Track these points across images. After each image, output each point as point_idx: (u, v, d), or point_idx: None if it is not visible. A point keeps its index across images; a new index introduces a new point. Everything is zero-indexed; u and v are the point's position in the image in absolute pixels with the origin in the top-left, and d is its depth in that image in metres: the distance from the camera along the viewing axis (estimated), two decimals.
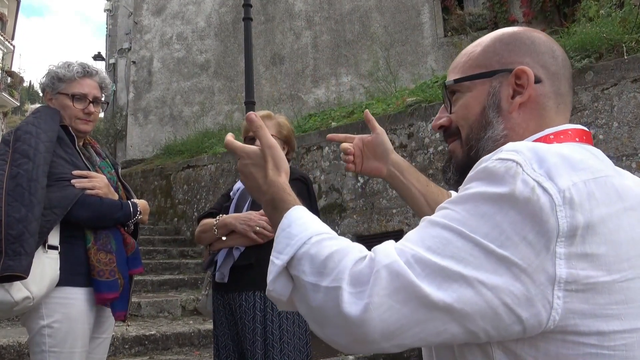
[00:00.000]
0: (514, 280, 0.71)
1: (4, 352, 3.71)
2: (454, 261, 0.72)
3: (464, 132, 0.99)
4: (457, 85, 0.99)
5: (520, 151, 0.77)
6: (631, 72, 4.03)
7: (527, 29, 0.99)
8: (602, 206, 0.74)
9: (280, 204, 0.91)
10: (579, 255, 0.72)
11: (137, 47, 13.60)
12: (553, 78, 0.94)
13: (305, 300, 0.79)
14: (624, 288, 0.74)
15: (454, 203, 0.78)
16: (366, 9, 11.74)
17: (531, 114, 0.93)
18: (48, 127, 2.10)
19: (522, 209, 0.72)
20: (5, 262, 1.82)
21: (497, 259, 0.72)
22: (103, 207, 2.12)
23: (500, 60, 0.95)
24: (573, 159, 0.77)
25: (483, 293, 0.71)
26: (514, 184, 0.73)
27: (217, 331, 2.44)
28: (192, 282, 6.44)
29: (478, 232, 0.73)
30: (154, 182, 9.36)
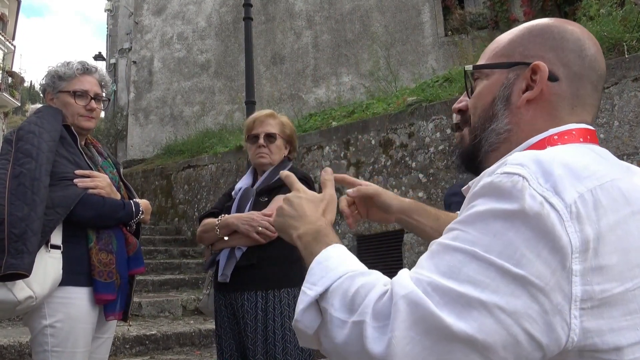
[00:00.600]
0: (532, 301, 0.69)
1: (5, 352, 3.71)
2: (471, 286, 0.70)
3: (473, 120, 0.97)
4: (477, 72, 0.97)
5: (525, 165, 0.74)
6: (632, 71, 4.03)
7: (564, 21, 0.94)
8: (609, 214, 0.72)
9: (324, 238, 0.90)
10: (593, 270, 0.70)
11: (137, 47, 13.60)
12: (573, 78, 0.89)
13: (330, 335, 0.77)
14: (637, 296, 0.72)
15: (463, 223, 0.76)
16: (367, 8, 11.74)
17: (540, 112, 0.90)
18: (51, 126, 2.10)
19: (534, 225, 0.70)
20: (8, 260, 1.82)
21: (513, 279, 0.69)
22: (105, 206, 2.12)
23: (523, 52, 0.92)
24: (577, 167, 0.75)
25: (503, 320, 0.69)
26: (523, 199, 0.71)
27: (220, 331, 2.44)
28: (192, 281, 6.44)
29: (492, 252, 0.70)
30: (155, 182, 9.36)
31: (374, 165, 5.74)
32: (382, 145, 5.72)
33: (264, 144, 2.50)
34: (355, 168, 5.92)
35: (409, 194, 5.38)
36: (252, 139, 2.54)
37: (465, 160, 0.99)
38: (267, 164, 2.52)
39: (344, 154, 6.06)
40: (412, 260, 5.21)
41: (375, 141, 5.80)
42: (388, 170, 5.61)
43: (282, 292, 2.32)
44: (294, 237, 0.96)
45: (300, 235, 0.94)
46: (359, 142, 5.94)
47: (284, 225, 1.00)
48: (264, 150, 2.51)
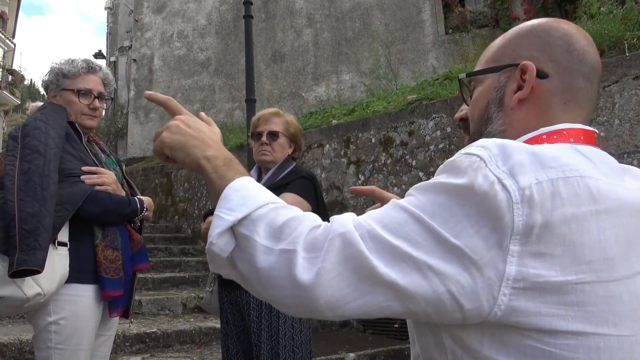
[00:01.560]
0: (463, 270, 0.72)
1: (5, 349, 3.71)
2: (406, 242, 0.74)
3: (472, 127, 0.99)
4: (472, 79, 0.99)
5: (487, 147, 0.77)
6: (632, 69, 4.02)
7: (550, 20, 0.95)
8: (567, 206, 0.73)
9: (236, 166, 0.90)
10: (532, 254, 0.72)
11: (137, 45, 13.59)
12: (563, 73, 0.90)
13: (251, 260, 0.79)
14: (578, 290, 0.73)
15: (418, 190, 0.80)
16: (367, 6, 11.72)
17: (533, 111, 0.90)
18: (56, 123, 2.09)
19: (478, 203, 0.73)
20: (20, 256, 1.81)
21: (449, 248, 0.73)
22: (112, 203, 2.12)
23: (512, 55, 0.93)
24: (545, 156, 0.76)
25: (429, 277, 0.73)
26: (474, 177, 0.74)
27: (225, 328, 2.44)
28: (193, 279, 6.45)
29: (435, 220, 0.74)
30: (155, 180, 9.37)
31: (374, 164, 5.74)
32: (383, 144, 5.72)
33: (267, 141, 2.52)
34: (356, 166, 5.92)
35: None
36: (255, 137, 2.57)
37: None
38: (269, 162, 2.54)
39: (344, 152, 6.06)
40: None
41: (376, 139, 5.80)
42: (388, 169, 5.61)
43: None
44: (199, 157, 0.90)
45: (209, 157, 0.90)
46: (359, 141, 5.94)
47: (184, 144, 0.92)
48: (266, 147, 2.53)
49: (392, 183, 5.54)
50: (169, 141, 0.94)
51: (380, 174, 5.66)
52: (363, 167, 5.84)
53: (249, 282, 0.82)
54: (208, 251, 0.83)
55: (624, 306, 0.75)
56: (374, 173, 5.73)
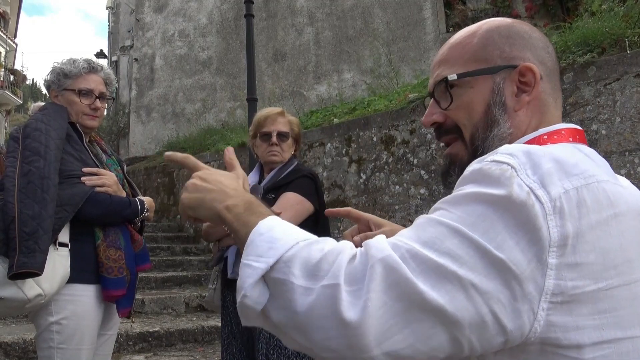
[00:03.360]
0: (504, 286, 0.69)
1: (9, 348, 3.73)
2: (450, 259, 0.70)
3: (467, 132, 0.94)
4: (457, 80, 0.94)
5: (515, 155, 0.75)
6: (634, 67, 4.02)
7: (517, 21, 0.96)
8: (592, 213, 0.73)
9: (258, 208, 0.86)
10: (569, 266, 0.71)
11: (139, 45, 13.60)
12: (550, 74, 0.93)
13: (289, 306, 0.73)
14: (608, 296, 0.73)
15: (448, 203, 0.76)
16: (368, 4, 11.71)
17: (534, 111, 0.91)
18: (57, 124, 2.09)
19: (517, 213, 0.71)
20: (20, 259, 1.82)
21: (492, 262, 0.69)
22: (112, 204, 2.13)
23: (502, 55, 0.92)
24: (567, 163, 0.76)
25: (474, 298, 0.69)
26: (510, 186, 0.72)
27: (226, 327, 2.45)
28: (195, 278, 6.46)
29: (476, 232, 0.71)
30: (157, 179, 9.38)
31: (376, 162, 5.75)
32: (384, 142, 5.73)
33: (277, 142, 2.52)
34: (357, 165, 5.92)
35: (411, 190, 5.39)
36: (263, 137, 2.55)
37: None
38: (278, 162, 2.54)
39: (346, 150, 6.07)
40: None
41: (377, 138, 5.80)
42: (390, 167, 5.61)
43: None
44: (219, 209, 0.87)
45: (229, 206, 0.87)
46: (361, 139, 5.94)
47: (202, 200, 0.90)
48: (276, 148, 2.52)
49: (394, 181, 5.55)
50: (187, 202, 0.92)
51: (382, 173, 5.67)
52: (364, 165, 5.85)
53: (286, 332, 0.75)
54: (240, 305, 0.77)
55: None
56: (375, 171, 5.74)
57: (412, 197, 5.37)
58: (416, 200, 5.33)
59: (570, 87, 4.31)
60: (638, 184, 3.74)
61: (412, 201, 5.36)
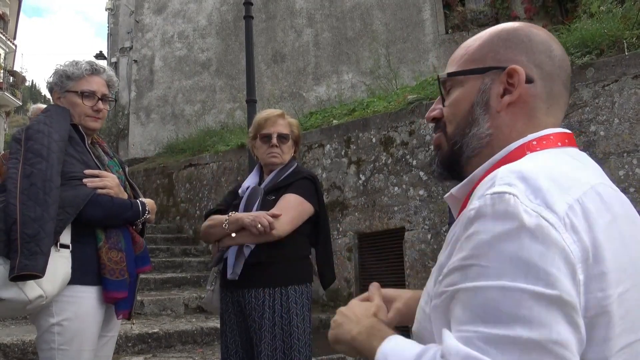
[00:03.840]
0: (569, 324, 0.67)
1: (8, 350, 3.73)
2: (518, 325, 0.66)
3: (450, 127, 0.97)
4: (450, 79, 0.97)
5: (513, 184, 0.74)
6: (632, 69, 4.03)
7: (528, 25, 0.96)
8: (597, 219, 0.73)
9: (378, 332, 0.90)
10: (595, 277, 0.70)
11: (138, 46, 13.60)
12: (546, 78, 0.91)
13: None
14: (624, 300, 0.72)
15: (476, 257, 0.72)
16: (367, 6, 11.72)
17: (519, 114, 0.90)
18: (60, 126, 2.10)
19: (540, 238, 0.69)
20: (22, 261, 1.82)
21: (549, 302, 0.67)
22: (114, 206, 2.13)
23: (495, 57, 0.92)
24: (560, 178, 0.76)
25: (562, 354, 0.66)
26: (519, 215, 0.70)
27: (225, 328, 2.46)
28: (194, 280, 6.46)
29: (518, 279, 0.68)
30: (156, 180, 9.38)
31: (375, 164, 5.75)
32: (383, 143, 5.73)
33: (277, 144, 2.52)
34: (356, 166, 5.93)
35: (410, 191, 5.40)
36: (263, 138, 2.56)
37: (447, 167, 1.00)
38: (278, 164, 2.55)
39: (345, 152, 6.07)
40: (413, 258, 5.23)
41: (376, 139, 5.81)
42: (389, 168, 5.62)
43: (289, 289, 2.34)
44: (348, 341, 0.94)
45: (354, 336, 0.94)
46: (360, 140, 5.95)
47: (339, 335, 0.98)
48: (276, 150, 2.53)
49: (393, 183, 5.55)
50: (330, 338, 1.00)
51: (381, 174, 5.68)
52: (364, 167, 5.85)
53: None
54: None
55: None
56: (374, 173, 5.74)
57: (411, 198, 5.37)
58: (415, 201, 5.33)
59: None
60: (637, 185, 3.78)
61: (411, 202, 5.37)
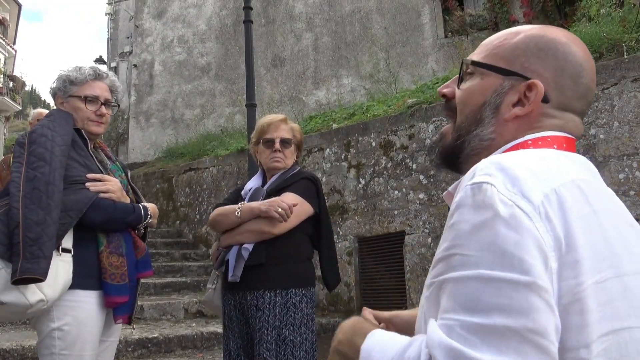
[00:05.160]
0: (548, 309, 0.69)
1: (7, 355, 3.72)
2: (497, 313, 0.68)
3: (459, 117, 0.96)
4: (472, 66, 0.96)
5: (492, 174, 0.76)
6: (631, 72, 4.04)
7: (570, 39, 0.92)
8: (574, 210, 0.74)
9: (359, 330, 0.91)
10: (568, 265, 0.72)
11: (138, 51, 13.63)
12: (564, 103, 0.90)
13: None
14: (604, 288, 0.74)
15: (458, 247, 0.75)
16: (366, 10, 11.75)
17: (525, 127, 0.90)
18: (63, 130, 2.10)
19: (514, 226, 0.71)
20: (24, 264, 1.81)
21: (526, 289, 0.68)
22: (116, 210, 2.13)
23: (524, 64, 0.90)
24: (538, 169, 0.77)
25: (539, 342, 0.68)
26: (495, 204, 0.72)
27: (227, 330, 2.46)
28: (194, 284, 6.45)
29: (495, 267, 0.70)
30: (156, 185, 9.38)
31: (375, 167, 5.75)
32: (383, 147, 5.73)
33: (280, 148, 2.54)
34: (356, 170, 5.93)
35: (410, 195, 5.39)
36: (266, 143, 2.57)
37: (447, 159, 0.99)
38: (281, 168, 2.57)
39: (345, 156, 6.08)
40: (413, 262, 5.22)
41: (376, 143, 5.81)
42: (389, 172, 5.62)
43: (290, 292, 2.35)
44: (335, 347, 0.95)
45: (340, 340, 0.94)
46: (360, 144, 5.95)
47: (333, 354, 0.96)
48: (279, 155, 2.55)
49: (393, 187, 5.55)
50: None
51: (381, 178, 5.67)
52: (363, 170, 5.85)
53: None
54: None
55: (637, 299, 0.76)
56: (374, 176, 5.74)
57: (411, 202, 5.37)
58: (415, 205, 5.33)
59: None
60: (637, 189, 3.77)
61: (411, 206, 5.36)
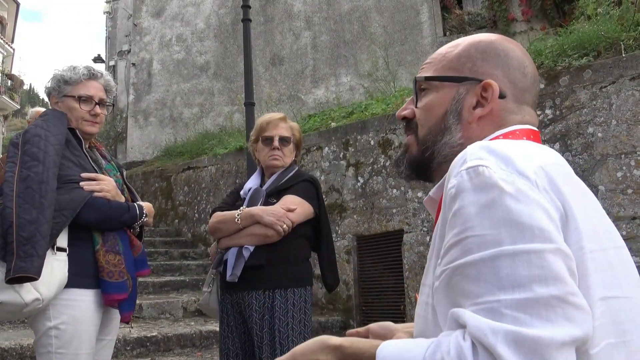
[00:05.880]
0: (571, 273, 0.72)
1: (6, 354, 3.72)
2: (535, 284, 0.68)
3: (422, 131, 0.99)
4: (426, 82, 1.00)
5: (483, 157, 0.78)
6: (629, 70, 4.04)
7: (504, 39, 0.99)
8: (561, 186, 0.78)
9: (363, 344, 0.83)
10: (571, 231, 0.75)
11: (136, 49, 13.61)
12: (519, 95, 0.95)
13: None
14: (595, 259, 0.77)
15: (470, 229, 0.74)
16: (365, 9, 11.75)
17: (490, 126, 0.94)
18: (57, 130, 2.11)
19: (522, 201, 0.72)
20: (17, 263, 1.83)
21: (554, 256, 0.70)
22: (111, 209, 2.13)
23: (472, 68, 0.96)
24: (522, 151, 0.81)
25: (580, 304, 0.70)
26: (497, 183, 0.74)
27: (225, 330, 2.46)
28: (193, 283, 6.46)
29: (517, 241, 0.71)
30: (155, 183, 9.38)
31: (373, 166, 5.76)
32: (381, 146, 5.74)
33: (278, 146, 2.54)
34: (355, 168, 5.93)
35: (408, 194, 5.40)
36: (265, 141, 2.58)
37: (417, 169, 1.02)
38: (279, 167, 2.57)
39: (343, 154, 6.08)
40: (412, 260, 5.23)
41: (374, 141, 5.81)
42: (387, 171, 5.62)
43: (289, 291, 2.35)
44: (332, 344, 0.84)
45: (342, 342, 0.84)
46: (358, 143, 5.96)
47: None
48: (278, 152, 2.55)
49: (391, 185, 5.56)
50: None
51: (379, 176, 5.68)
52: (362, 169, 5.86)
53: None
54: None
55: (619, 272, 0.80)
56: (373, 175, 5.75)
57: (410, 200, 5.37)
58: (413, 203, 5.34)
59: (566, 90, 4.33)
60: (635, 187, 3.78)
61: (409, 204, 5.37)
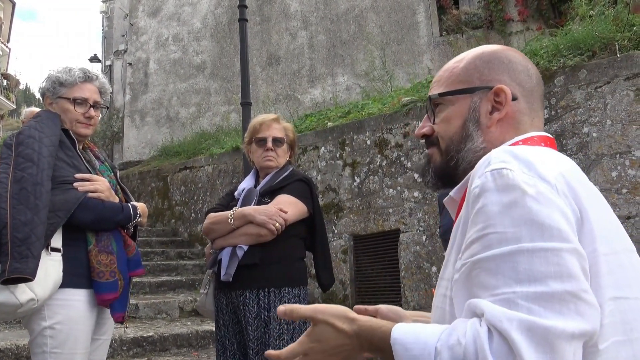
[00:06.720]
0: (584, 273, 0.76)
1: (2, 354, 3.72)
2: (552, 280, 0.73)
3: (443, 143, 1.06)
4: (441, 98, 1.07)
5: (507, 160, 0.83)
6: (624, 70, 4.06)
7: (504, 48, 1.07)
8: (578, 190, 0.83)
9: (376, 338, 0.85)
10: (586, 234, 0.80)
11: (133, 49, 13.58)
12: (528, 95, 1.03)
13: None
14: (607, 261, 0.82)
15: (490, 226, 0.78)
16: (362, 8, 11.75)
17: (507, 128, 1.01)
18: (50, 131, 2.11)
19: (543, 203, 0.77)
20: (12, 264, 1.83)
21: (570, 255, 0.75)
22: (105, 210, 2.14)
23: (481, 77, 1.03)
24: (543, 157, 0.86)
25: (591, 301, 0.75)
26: (519, 185, 0.79)
27: (221, 330, 2.46)
28: (189, 283, 6.45)
29: (535, 239, 0.75)
30: (151, 183, 9.37)
31: (370, 166, 5.77)
32: (378, 146, 5.75)
33: (272, 147, 2.55)
34: (351, 168, 5.94)
35: (405, 193, 5.41)
36: (259, 142, 2.58)
37: (442, 177, 1.08)
38: (273, 167, 2.57)
39: (340, 154, 6.08)
40: (408, 259, 5.24)
41: (371, 141, 5.82)
42: (383, 170, 5.63)
43: (283, 291, 2.35)
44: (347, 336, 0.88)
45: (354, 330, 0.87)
46: (355, 143, 5.96)
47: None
48: (271, 153, 2.55)
49: (388, 185, 5.57)
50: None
51: (376, 176, 5.69)
52: (358, 169, 5.87)
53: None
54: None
55: (630, 274, 0.85)
56: (369, 175, 5.76)
57: (406, 200, 5.38)
58: (410, 203, 5.35)
59: (562, 91, 4.35)
60: (630, 187, 3.81)
61: (405, 204, 5.38)
